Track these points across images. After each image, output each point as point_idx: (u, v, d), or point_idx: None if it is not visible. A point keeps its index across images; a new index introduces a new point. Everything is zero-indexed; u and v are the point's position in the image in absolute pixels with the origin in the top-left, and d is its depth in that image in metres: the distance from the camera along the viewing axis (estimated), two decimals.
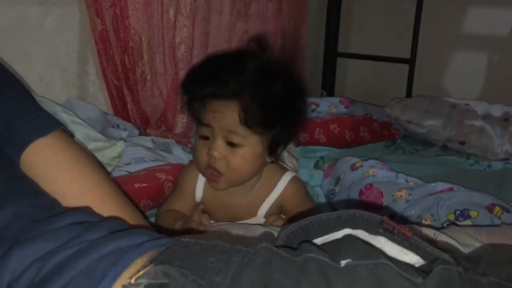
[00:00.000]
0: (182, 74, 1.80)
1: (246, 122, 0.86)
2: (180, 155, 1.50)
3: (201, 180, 1.03)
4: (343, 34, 2.67)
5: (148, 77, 1.70)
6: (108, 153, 1.13)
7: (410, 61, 2.38)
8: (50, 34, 1.44)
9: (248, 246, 0.46)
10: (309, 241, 0.47)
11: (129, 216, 0.69)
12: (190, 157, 1.51)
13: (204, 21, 1.85)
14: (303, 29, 2.41)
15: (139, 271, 0.45)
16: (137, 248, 0.50)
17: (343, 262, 0.42)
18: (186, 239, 0.49)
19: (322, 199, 1.38)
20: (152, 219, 1.09)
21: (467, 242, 0.76)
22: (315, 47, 2.61)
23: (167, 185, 1.19)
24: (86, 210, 0.63)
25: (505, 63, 2.29)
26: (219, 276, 0.43)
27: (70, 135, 0.78)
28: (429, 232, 0.78)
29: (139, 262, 0.48)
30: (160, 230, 0.86)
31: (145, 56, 1.65)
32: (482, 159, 1.83)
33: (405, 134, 2.05)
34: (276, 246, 0.47)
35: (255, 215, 1.02)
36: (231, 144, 0.90)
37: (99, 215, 0.63)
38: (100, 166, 0.76)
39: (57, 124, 0.75)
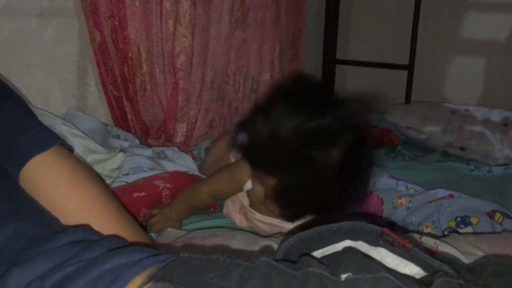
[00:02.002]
0: (181, 83, 1.81)
1: None
2: (184, 163, 1.50)
3: None
4: (341, 41, 2.68)
5: (148, 87, 1.70)
6: (108, 165, 1.13)
7: (409, 67, 2.39)
8: (49, 46, 1.44)
9: (248, 260, 0.46)
10: (309, 255, 0.47)
11: (129, 231, 0.69)
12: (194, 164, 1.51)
13: (203, 30, 1.86)
14: (301, 37, 2.42)
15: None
16: (136, 265, 0.50)
17: (343, 276, 0.42)
18: (186, 255, 0.49)
19: None
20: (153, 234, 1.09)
21: (468, 251, 0.75)
22: (313, 54, 2.62)
23: (165, 193, 1.19)
24: (86, 228, 0.63)
25: (504, 68, 2.29)
26: None
27: (70, 149, 0.78)
28: (430, 241, 0.78)
29: (138, 280, 0.48)
30: (159, 244, 0.86)
31: (144, 67, 1.66)
32: (483, 164, 1.83)
33: (405, 140, 2.05)
34: (276, 260, 0.46)
35: None
36: None
37: (98, 233, 0.63)
38: (99, 180, 0.76)
39: (56, 139, 0.75)
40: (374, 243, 0.49)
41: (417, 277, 0.47)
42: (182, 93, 1.83)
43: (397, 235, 0.48)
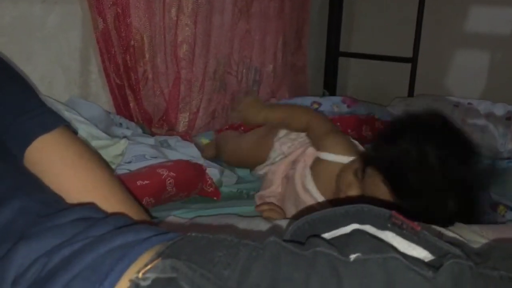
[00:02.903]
0: (183, 73, 1.80)
1: None
2: (187, 152, 1.49)
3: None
4: (345, 33, 2.67)
5: (150, 76, 1.70)
6: (111, 151, 1.13)
7: (412, 60, 2.38)
8: (52, 32, 1.44)
9: (255, 240, 0.46)
10: (318, 236, 0.47)
11: (134, 214, 0.69)
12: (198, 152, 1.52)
13: (206, 20, 1.85)
14: (305, 29, 2.41)
15: (146, 265, 0.45)
16: (144, 242, 0.50)
17: (352, 256, 0.41)
18: (193, 234, 0.48)
19: None
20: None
21: (472, 239, 0.75)
22: (317, 46, 2.61)
23: (169, 182, 1.18)
24: (91, 206, 0.62)
25: (507, 62, 2.28)
26: (228, 270, 0.42)
27: (74, 131, 0.78)
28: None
29: (146, 257, 0.48)
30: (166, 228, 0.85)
31: (147, 55, 1.65)
32: (486, 158, 1.82)
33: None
34: (285, 240, 0.46)
35: None
36: None
37: (103, 211, 0.63)
38: (104, 163, 0.76)
39: (61, 120, 0.75)
40: (381, 226, 0.49)
41: (425, 260, 0.47)
42: (184, 83, 1.82)
43: (405, 218, 0.47)
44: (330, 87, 2.65)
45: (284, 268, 0.41)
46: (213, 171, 1.40)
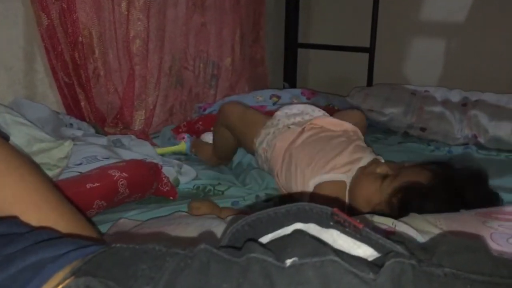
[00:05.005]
0: (137, 69, 1.75)
1: None
2: (142, 151, 1.45)
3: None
4: (303, 24, 2.66)
5: (102, 73, 1.64)
6: (55, 153, 1.07)
7: (370, 50, 2.38)
8: None
9: (186, 248, 0.43)
10: (254, 240, 0.44)
11: (70, 221, 0.64)
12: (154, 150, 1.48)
13: (159, 14, 1.79)
14: (261, 21, 2.38)
15: (58, 285, 0.41)
16: (60, 259, 0.46)
17: (288, 261, 0.39)
18: (118, 245, 0.45)
19: None
20: (106, 226, 1.04)
21: (426, 230, 0.74)
22: (275, 38, 2.59)
23: (121, 183, 1.13)
24: (12, 220, 0.57)
25: (462, 49, 2.32)
26: (150, 285, 0.39)
27: (5, 137, 0.72)
28: (388, 221, 0.76)
29: (60, 275, 0.44)
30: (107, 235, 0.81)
31: (97, 52, 1.59)
32: (443, 144, 1.84)
33: (367, 123, 2.04)
34: (222, 247, 0.43)
35: None
36: None
37: (27, 225, 0.58)
38: (36, 169, 0.70)
39: None
40: (326, 225, 0.46)
41: (371, 258, 0.45)
42: (139, 79, 1.77)
43: (348, 215, 0.45)
44: (290, 79, 2.64)
45: (212, 279, 0.38)
46: (169, 170, 1.36)
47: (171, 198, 1.27)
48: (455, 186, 0.98)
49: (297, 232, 0.44)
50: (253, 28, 2.35)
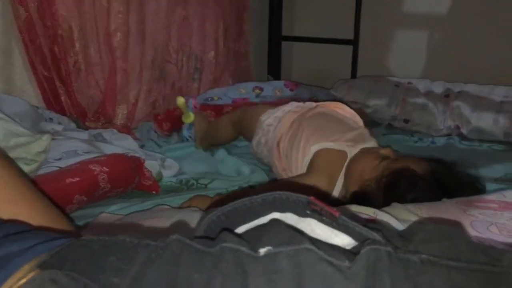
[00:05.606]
0: (119, 63, 1.72)
1: None
2: (123, 145, 1.43)
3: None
4: (286, 17, 2.65)
5: (82, 67, 1.61)
6: (33, 148, 1.05)
7: (354, 42, 2.39)
8: None
9: (158, 239, 0.42)
10: (229, 230, 0.43)
11: (43, 216, 0.63)
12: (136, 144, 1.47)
13: (140, 7, 1.77)
14: (245, 14, 2.37)
15: (21, 279, 0.39)
16: (27, 252, 0.44)
17: (262, 251, 0.38)
18: (87, 237, 0.44)
19: None
20: (87, 220, 1.03)
21: (406, 218, 0.74)
22: (259, 32, 2.57)
23: (102, 177, 1.11)
24: None
25: (445, 41, 2.33)
26: (118, 277, 0.38)
27: None
28: (369, 211, 0.76)
29: (26, 268, 0.42)
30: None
31: (77, 45, 1.56)
32: (426, 135, 1.86)
33: None
34: (196, 237, 0.42)
35: None
36: None
37: None
38: (10, 164, 0.69)
39: None
40: (303, 214, 0.46)
41: (349, 247, 0.45)
42: (121, 73, 1.74)
43: (325, 204, 0.44)
44: (274, 72, 2.63)
45: (183, 270, 0.37)
46: (152, 163, 1.34)
47: (154, 192, 1.26)
48: (445, 182, 1.00)
49: (273, 221, 0.43)
50: (237, 22, 2.33)
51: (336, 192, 1.13)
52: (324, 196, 1.07)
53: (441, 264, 0.38)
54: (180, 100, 1.72)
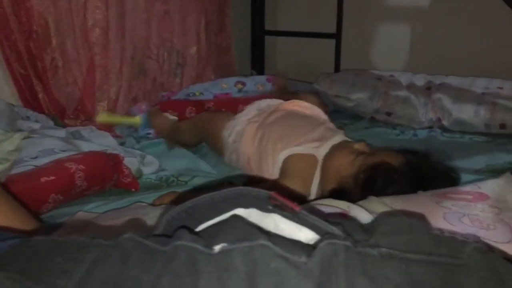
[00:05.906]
0: (98, 59, 1.70)
1: None
2: (102, 142, 1.41)
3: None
4: (269, 12, 2.63)
5: (60, 64, 1.59)
6: (4, 146, 1.03)
7: (336, 36, 2.38)
8: None
9: (111, 239, 0.41)
10: (185, 227, 0.42)
11: (8, 214, 0.61)
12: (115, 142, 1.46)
13: (119, 1, 1.75)
14: (227, 9, 2.35)
15: None
16: None
17: (217, 248, 0.37)
18: (36, 238, 0.42)
19: None
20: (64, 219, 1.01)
21: (379, 211, 0.74)
22: (241, 26, 2.56)
23: (78, 175, 1.10)
24: None
25: (427, 34, 2.33)
26: (64, 279, 0.37)
27: None
28: (343, 205, 0.76)
29: None
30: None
31: (54, 41, 1.54)
32: (408, 128, 1.86)
33: (334, 109, 2.04)
34: (154, 235, 0.41)
35: None
36: None
37: None
38: None
39: None
40: (266, 209, 0.45)
41: (312, 242, 0.44)
42: (100, 70, 1.72)
43: (285, 199, 0.44)
44: (258, 67, 2.62)
45: (131, 270, 0.36)
46: (131, 160, 1.32)
47: (133, 189, 1.24)
48: (422, 174, 1.00)
49: (233, 217, 0.42)
50: (219, 16, 2.31)
51: (313, 196, 1.13)
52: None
53: (401, 257, 0.38)
54: (101, 117, 1.67)
